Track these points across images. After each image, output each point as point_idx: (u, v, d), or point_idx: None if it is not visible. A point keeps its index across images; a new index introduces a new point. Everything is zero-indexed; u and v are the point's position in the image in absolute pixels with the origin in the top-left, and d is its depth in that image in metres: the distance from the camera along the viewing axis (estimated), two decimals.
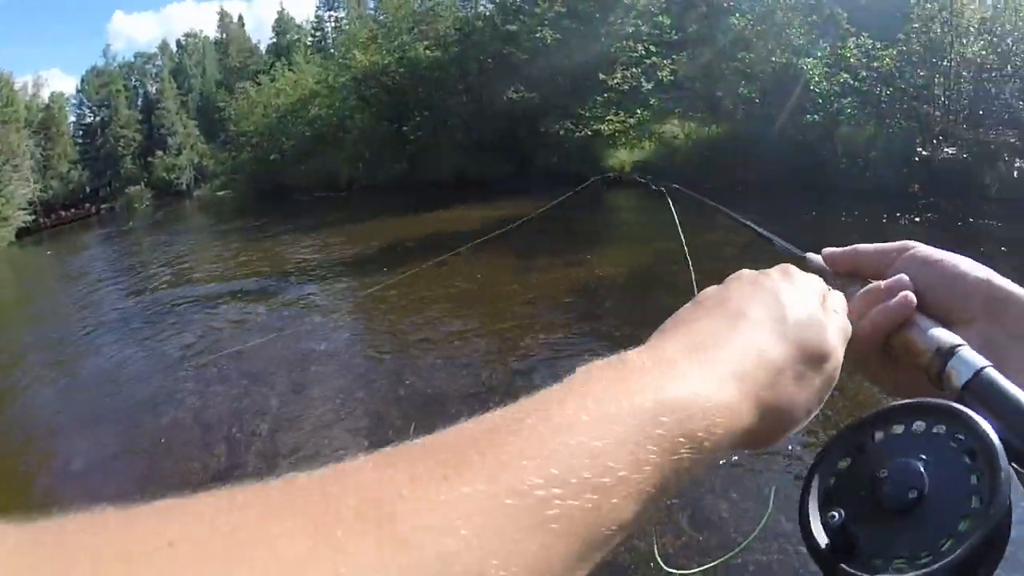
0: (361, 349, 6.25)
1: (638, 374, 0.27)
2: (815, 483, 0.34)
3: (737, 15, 15.94)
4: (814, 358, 0.33)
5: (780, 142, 14.36)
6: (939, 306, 0.41)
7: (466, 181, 19.21)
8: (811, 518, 0.32)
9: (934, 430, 0.32)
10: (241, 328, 7.49)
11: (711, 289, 0.37)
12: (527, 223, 4.75)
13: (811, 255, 0.50)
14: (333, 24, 48.32)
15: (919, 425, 0.32)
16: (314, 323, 7.39)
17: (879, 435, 0.34)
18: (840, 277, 0.46)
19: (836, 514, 0.31)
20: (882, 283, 0.42)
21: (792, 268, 0.39)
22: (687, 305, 0.35)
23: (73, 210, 42.80)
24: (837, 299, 0.39)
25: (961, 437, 0.30)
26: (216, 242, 16.20)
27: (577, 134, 17.97)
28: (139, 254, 17.46)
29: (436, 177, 20.03)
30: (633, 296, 7.12)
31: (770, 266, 0.39)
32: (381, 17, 25.46)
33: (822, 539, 0.31)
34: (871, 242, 0.48)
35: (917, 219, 10.57)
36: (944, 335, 0.38)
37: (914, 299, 0.40)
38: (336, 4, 49.05)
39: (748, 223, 0.62)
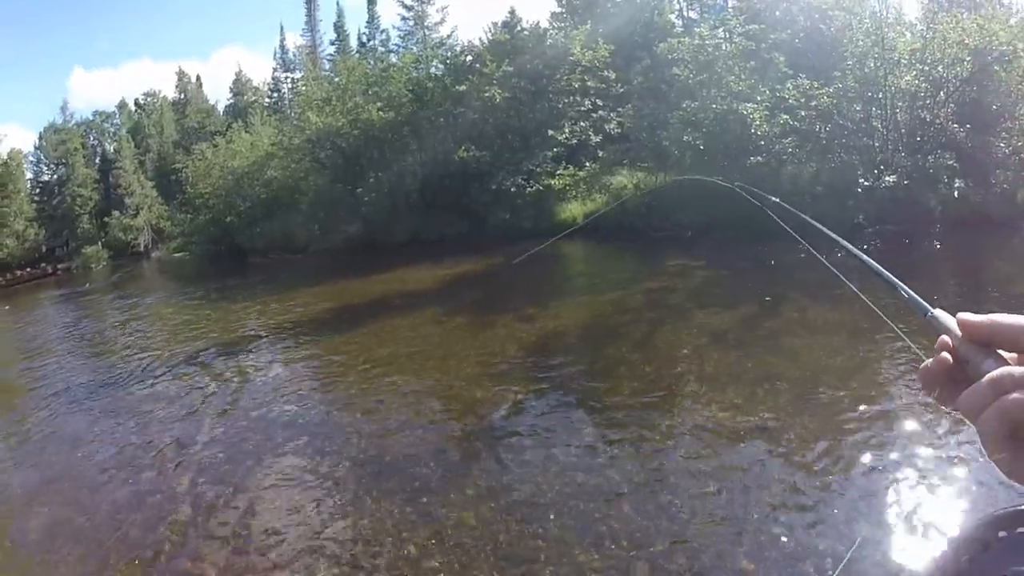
0: (316, 414, 6.07)
1: None
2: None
3: (680, 66, 16.40)
4: None
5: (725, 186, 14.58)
6: None
7: (421, 241, 19.18)
8: None
9: None
10: (193, 394, 7.22)
11: None
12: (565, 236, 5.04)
13: (939, 314, 0.47)
14: (289, 85, 48.70)
15: None
16: (267, 385, 7.22)
17: (1003, 535, 0.34)
18: (972, 345, 0.43)
19: None
20: (1016, 370, 0.40)
21: None
22: None
23: (29, 269, 41.16)
24: None
25: None
26: (172, 305, 15.84)
27: (528, 190, 18.16)
28: (97, 316, 16.93)
29: (391, 238, 19.95)
30: (588, 347, 7.16)
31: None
32: (336, 79, 25.71)
33: None
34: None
35: (863, 247, 10.69)
36: None
37: None
38: (292, 65, 49.63)
39: (876, 266, 0.56)
